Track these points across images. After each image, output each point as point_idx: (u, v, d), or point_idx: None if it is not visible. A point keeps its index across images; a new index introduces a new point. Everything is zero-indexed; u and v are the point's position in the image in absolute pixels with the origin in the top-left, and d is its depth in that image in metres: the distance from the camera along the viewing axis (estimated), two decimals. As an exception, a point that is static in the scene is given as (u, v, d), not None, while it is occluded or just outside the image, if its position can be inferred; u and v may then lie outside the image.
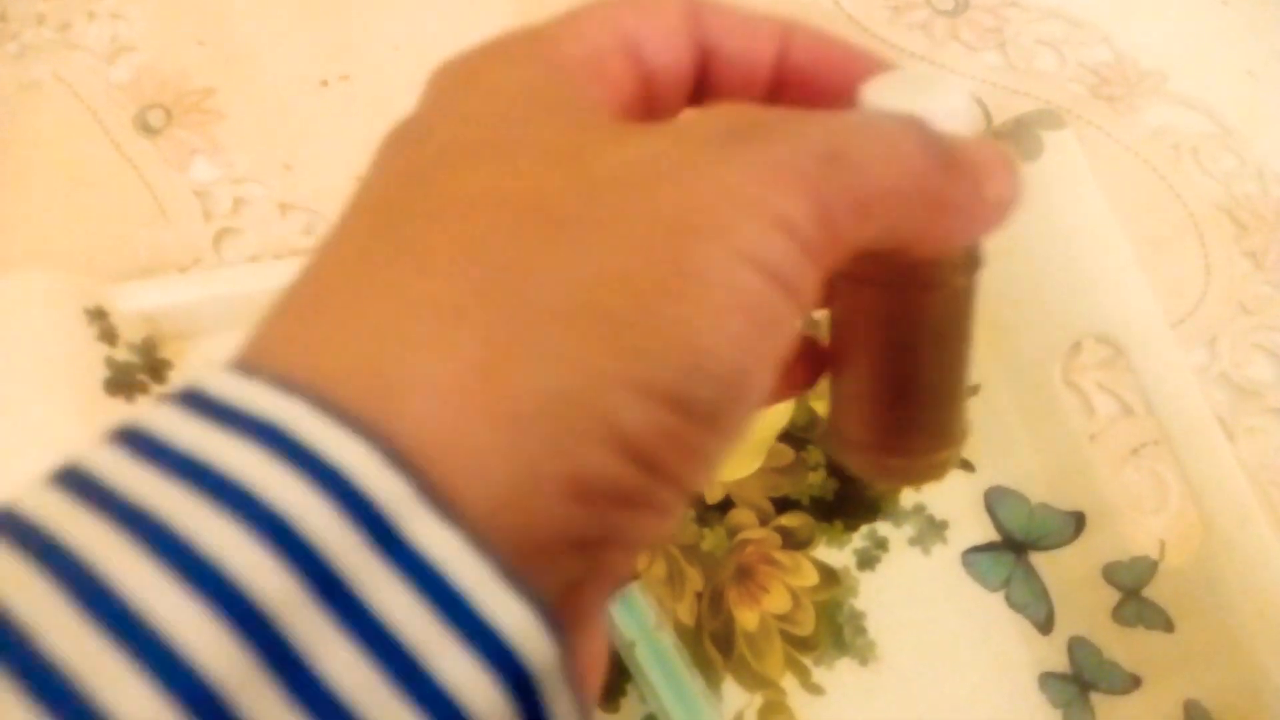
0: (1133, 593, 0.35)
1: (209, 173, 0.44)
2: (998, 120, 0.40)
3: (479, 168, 0.14)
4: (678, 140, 0.14)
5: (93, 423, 0.35)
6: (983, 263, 0.19)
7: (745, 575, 0.37)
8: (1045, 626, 0.36)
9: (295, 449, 0.12)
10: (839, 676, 0.35)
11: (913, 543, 0.38)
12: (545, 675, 0.12)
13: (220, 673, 0.10)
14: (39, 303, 0.36)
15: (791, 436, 0.39)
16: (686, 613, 0.36)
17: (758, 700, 0.35)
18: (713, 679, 0.35)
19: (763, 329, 0.14)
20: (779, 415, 0.39)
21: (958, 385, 0.21)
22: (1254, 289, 0.44)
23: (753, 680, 0.35)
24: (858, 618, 0.36)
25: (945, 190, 0.16)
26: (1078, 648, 0.36)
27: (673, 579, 0.36)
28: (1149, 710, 0.34)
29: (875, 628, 0.36)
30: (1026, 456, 0.38)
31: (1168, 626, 0.34)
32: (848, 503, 0.38)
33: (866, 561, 0.37)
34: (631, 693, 0.34)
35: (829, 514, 0.38)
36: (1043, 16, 0.51)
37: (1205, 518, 0.32)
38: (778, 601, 0.36)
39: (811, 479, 0.38)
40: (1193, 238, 0.45)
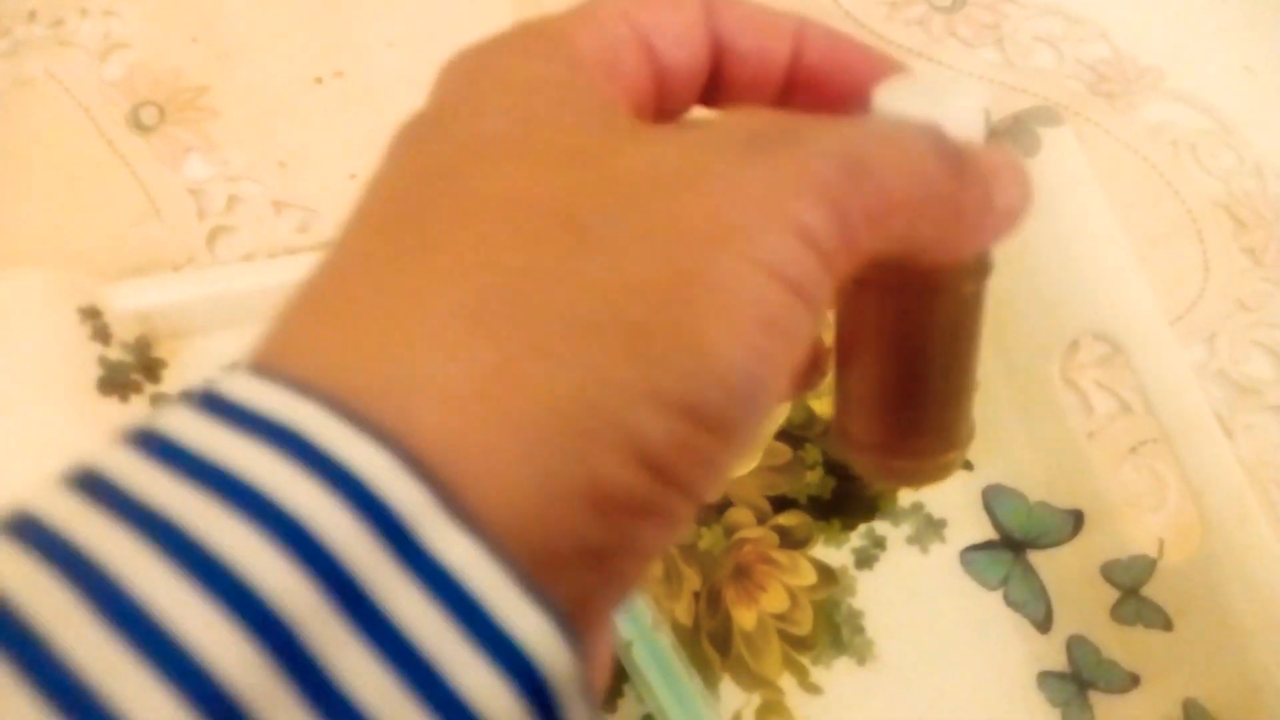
0: (1131, 591, 0.35)
1: (203, 170, 0.44)
2: (996, 117, 0.39)
3: (499, 167, 0.14)
4: (698, 146, 0.14)
5: (86, 422, 0.35)
6: (992, 268, 0.19)
7: (743, 574, 0.36)
8: (1044, 625, 0.36)
9: (313, 454, 0.11)
10: (837, 676, 0.35)
11: (911, 541, 0.37)
12: (562, 684, 0.12)
13: (239, 680, 0.10)
14: (32, 301, 0.36)
15: (789, 435, 0.39)
16: (684, 612, 0.35)
17: (755, 700, 0.35)
18: (710, 679, 0.35)
19: (780, 338, 0.14)
20: (776, 413, 0.39)
21: (965, 388, 0.20)
22: (1253, 286, 0.44)
23: (750, 680, 0.35)
24: (856, 617, 0.36)
25: (958, 198, 0.16)
26: (1076, 646, 0.36)
27: (670, 578, 0.36)
28: (1148, 709, 0.34)
29: (873, 627, 0.36)
30: (1025, 455, 0.38)
31: (1166, 625, 0.34)
32: (846, 501, 0.38)
33: (864, 560, 0.37)
34: (629, 693, 0.34)
35: (827, 513, 0.38)
36: (1041, 13, 0.50)
37: (1204, 516, 0.32)
38: (775, 601, 0.36)
39: (809, 478, 0.38)
40: (1191, 234, 0.45)
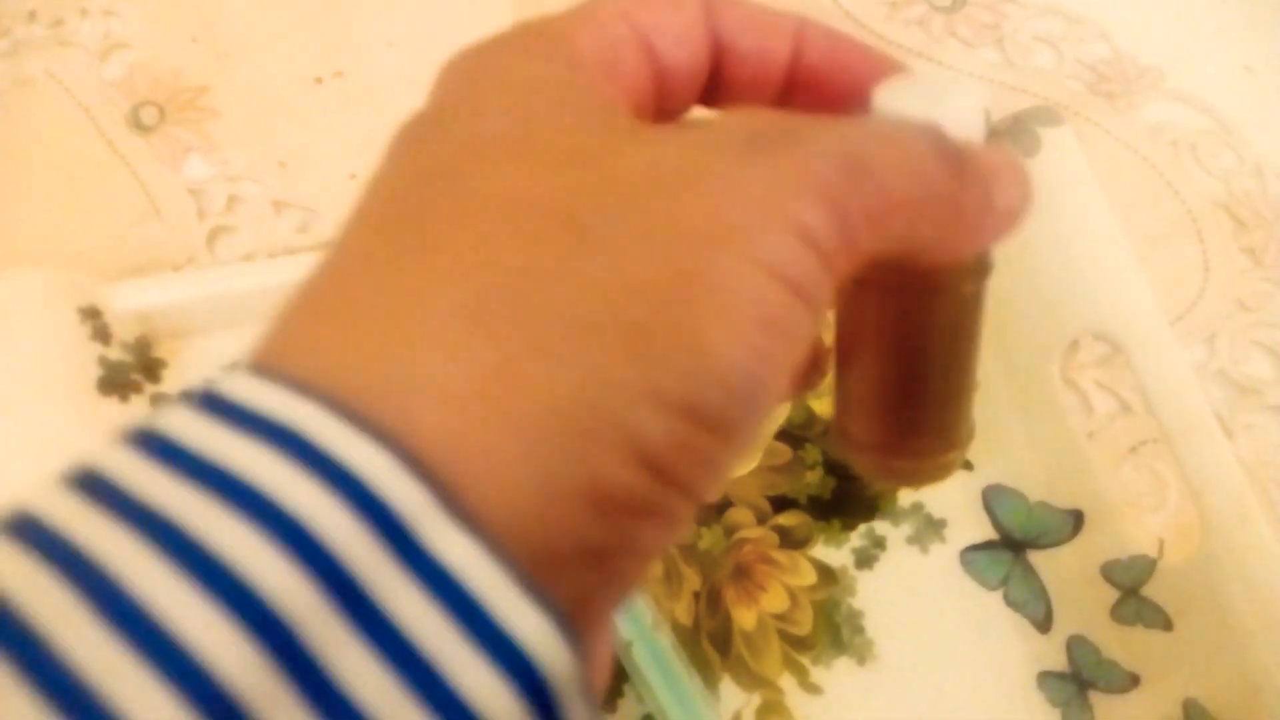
0: (1131, 591, 0.35)
1: (203, 170, 0.44)
2: (996, 117, 0.39)
3: (499, 167, 0.14)
4: (697, 146, 0.14)
5: (86, 422, 0.35)
6: (992, 268, 0.19)
7: (743, 574, 0.36)
8: (1044, 625, 0.36)
9: (313, 454, 0.11)
10: (837, 676, 0.35)
11: (911, 541, 0.37)
12: (562, 684, 0.12)
13: (239, 680, 0.10)
14: (32, 302, 0.36)
15: (789, 435, 0.39)
16: (684, 612, 0.35)
17: (755, 700, 0.35)
18: (710, 679, 0.35)
19: (780, 338, 0.14)
20: (776, 413, 0.39)
21: (965, 388, 0.20)
22: (1253, 286, 0.44)
23: (750, 680, 0.35)
24: (856, 617, 0.36)
25: (958, 198, 0.16)
26: (1076, 646, 0.36)
27: (670, 578, 0.36)
28: (1148, 709, 0.34)
29: (873, 627, 0.36)
30: (1025, 455, 0.38)
31: (1166, 625, 0.34)
32: (845, 501, 0.38)
33: (864, 560, 0.37)
34: (629, 693, 0.34)
35: (827, 513, 0.38)
36: (1041, 13, 0.50)
37: (1204, 516, 0.32)
38: (775, 601, 0.36)
39: (809, 478, 0.38)
40: (1191, 234, 0.45)
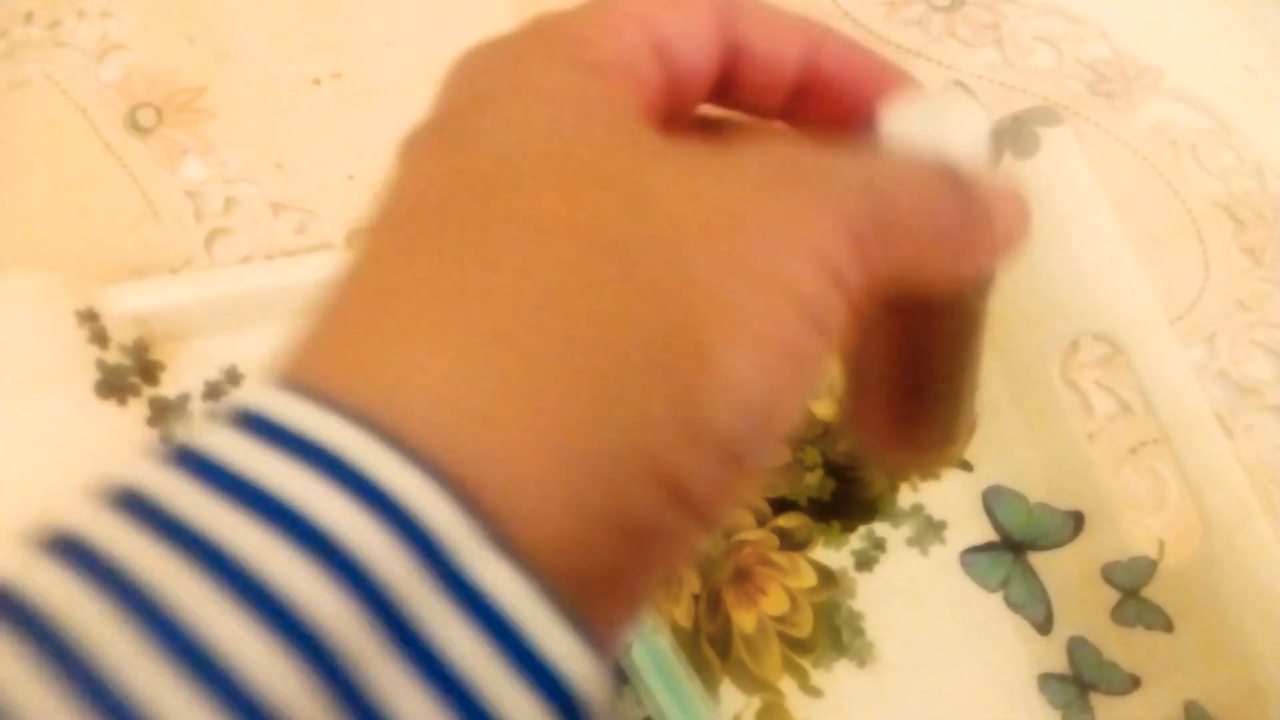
0: (1132, 593, 0.35)
1: (200, 172, 0.44)
2: (995, 117, 0.39)
3: (533, 187, 0.14)
4: (732, 183, 0.15)
5: (84, 426, 0.35)
6: (994, 283, 0.19)
7: (743, 577, 0.36)
8: (1044, 627, 0.36)
9: (356, 479, 0.12)
10: (837, 678, 0.35)
11: (911, 543, 0.37)
12: (596, 709, 0.12)
13: (289, 705, 0.10)
14: (29, 304, 0.36)
15: (788, 437, 0.39)
16: (684, 615, 0.35)
17: (756, 703, 0.34)
18: (710, 681, 0.35)
19: (801, 371, 0.14)
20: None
21: (968, 389, 0.21)
22: (1253, 286, 0.44)
23: (750, 682, 0.35)
24: (856, 619, 0.36)
25: (966, 232, 0.16)
26: (1077, 648, 0.36)
27: (669, 581, 0.36)
28: (1149, 711, 0.34)
29: (873, 629, 0.36)
30: (1025, 456, 0.38)
31: (1167, 626, 0.34)
32: (845, 503, 0.38)
33: (864, 562, 0.37)
34: (628, 696, 0.34)
35: (826, 515, 0.37)
36: (1040, 12, 0.50)
37: (1204, 516, 0.32)
38: (775, 603, 0.36)
39: (809, 480, 0.38)
40: (1191, 234, 0.45)
